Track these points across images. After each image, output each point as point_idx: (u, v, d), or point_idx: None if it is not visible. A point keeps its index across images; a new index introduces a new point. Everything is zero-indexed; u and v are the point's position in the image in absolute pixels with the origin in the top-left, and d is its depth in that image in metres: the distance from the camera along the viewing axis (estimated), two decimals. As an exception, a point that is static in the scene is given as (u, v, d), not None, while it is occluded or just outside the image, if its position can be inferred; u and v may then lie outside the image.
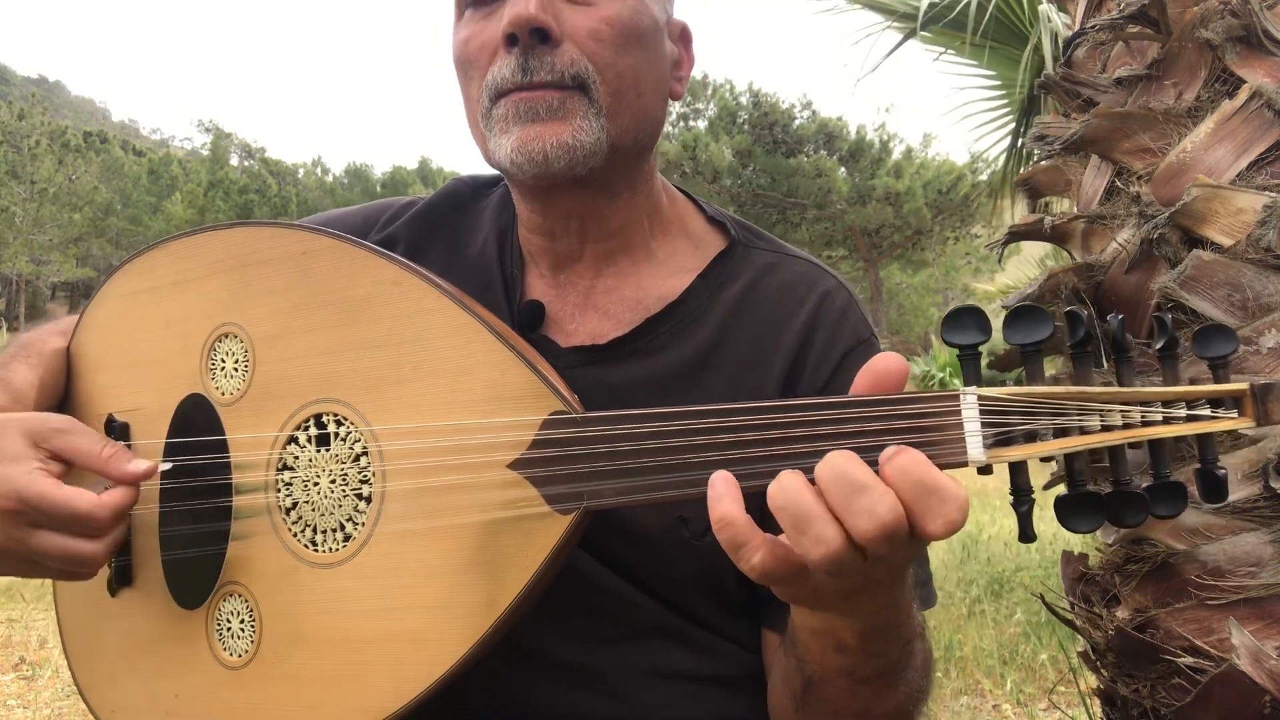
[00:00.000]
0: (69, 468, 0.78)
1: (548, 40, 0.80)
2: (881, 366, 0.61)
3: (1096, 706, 1.52)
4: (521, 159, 0.81)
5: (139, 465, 0.78)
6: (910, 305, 36.00)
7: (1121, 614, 1.26)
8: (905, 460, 0.55)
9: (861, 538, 0.55)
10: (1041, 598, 1.44)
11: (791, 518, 0.56)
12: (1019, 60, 3.73)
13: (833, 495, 0.55)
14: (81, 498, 0.74)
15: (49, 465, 0.76)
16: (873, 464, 0.56)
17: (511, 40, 0.80)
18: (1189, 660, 1.14)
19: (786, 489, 0.57)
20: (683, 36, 0.96)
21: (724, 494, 0.58)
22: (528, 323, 0.92)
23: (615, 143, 0.84)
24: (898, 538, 0.55)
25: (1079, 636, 1.40)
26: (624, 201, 0.91)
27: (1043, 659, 3.35)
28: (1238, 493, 1.15)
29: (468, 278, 0.95)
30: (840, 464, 0.56)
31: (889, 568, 0.59)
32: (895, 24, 4.17)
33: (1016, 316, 0.59)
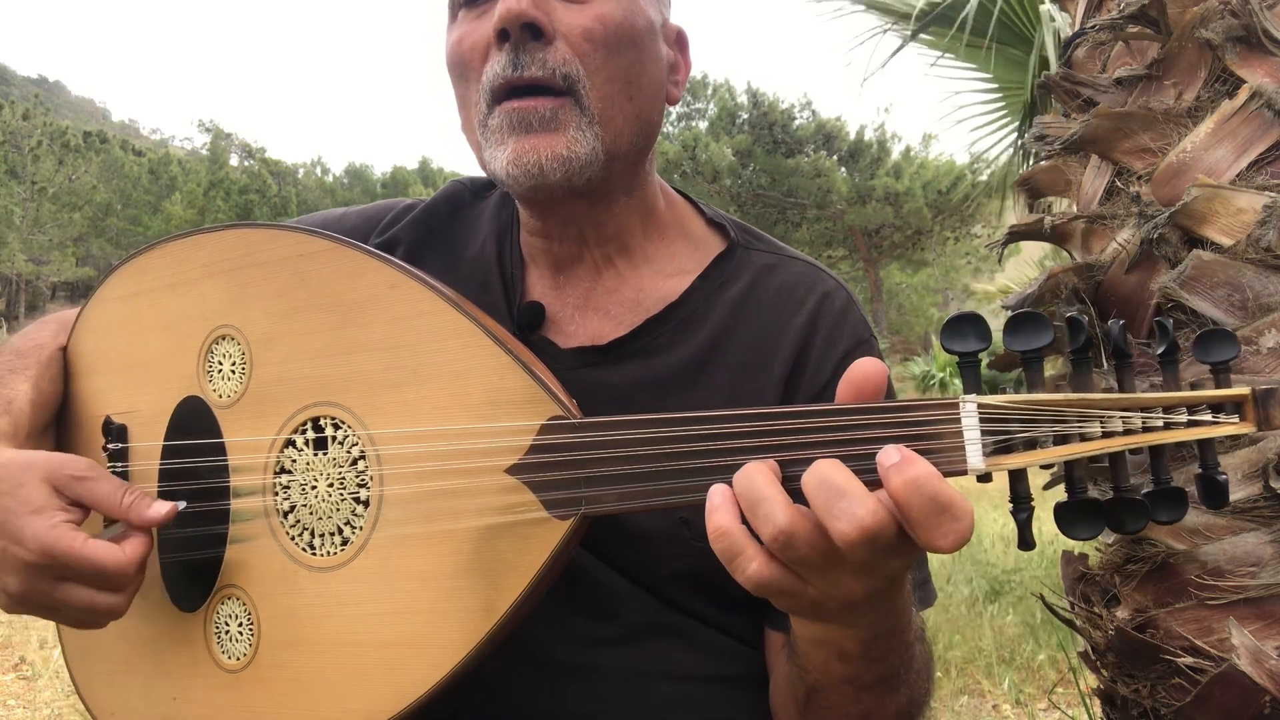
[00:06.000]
0: (88, 513, 0.79)
1: (540, 36, 0.80)
2: (861, 374, 0.60)
3: (1096, 706, 1.51)
4: (517, 171, 0.81)
5: (159, 510, 0.78)
6: (910, 305, 35.96)
7: (1121, 614, 1.26)
8: (918, 472, 0.54)
9: (841, 540, 0.54)
10: (1041, 598, 1.43)
11: (747, 502, 0.57)
12: (1022, 62, 3.72)
13: (816, 501, 0.55)
14: (107, 553, 0.75)
15: (71, 514, 0.76)
16: (871, 470, 0.56)
17: (503, 36, 0.80)
18: (1189, 660, 1.13)
19: (744, 472, 0.58)
20: (679, 41, 0.96)
21: (720, 504, 0.58)
22: (527, 324, 0.91)
23: (610, 150, 0.84)
24: (879, 542, 0.54)
25: (1079, 636, 1.39)
26: (621, 207, 0.91)
27: (1042, 659, 3.34)
28: (1238, 493, 1.15)
29: (467, 279, 0.95)
30: (824, 469, 0.56)
31: (887, 577, 0.59)
32: (896, 26, 4.16)
33: (1017, 323, 0.58)
